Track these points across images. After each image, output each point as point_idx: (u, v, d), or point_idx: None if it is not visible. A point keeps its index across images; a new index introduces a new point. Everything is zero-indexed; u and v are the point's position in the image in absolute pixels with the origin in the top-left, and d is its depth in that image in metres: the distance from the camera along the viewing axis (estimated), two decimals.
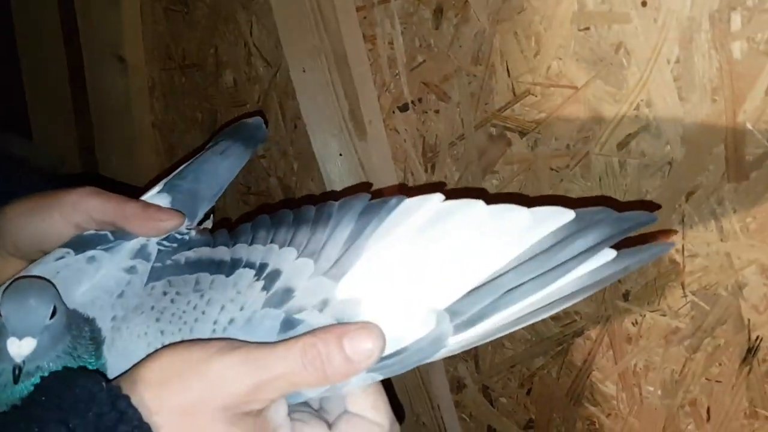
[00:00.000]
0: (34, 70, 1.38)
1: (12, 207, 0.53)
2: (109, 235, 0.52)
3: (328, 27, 0.79)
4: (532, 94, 0.64)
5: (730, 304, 0.57)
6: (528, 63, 0.64)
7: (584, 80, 0.60)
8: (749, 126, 0.53)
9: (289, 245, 0.48)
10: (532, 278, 0.41)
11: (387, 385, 0.45)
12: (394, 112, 0.78)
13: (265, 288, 0.46)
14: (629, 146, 0.60)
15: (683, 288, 0.60)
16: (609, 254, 0.40)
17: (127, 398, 0.39)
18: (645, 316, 0.63)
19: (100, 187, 0.54)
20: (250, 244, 0.49)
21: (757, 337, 0.57)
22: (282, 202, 0.98)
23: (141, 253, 0.51)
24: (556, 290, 0.41)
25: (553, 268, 0.40)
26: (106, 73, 1.15)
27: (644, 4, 0.55)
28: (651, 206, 0.60)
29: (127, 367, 0.44)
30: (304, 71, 0.83)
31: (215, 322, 0.45)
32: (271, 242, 0.49)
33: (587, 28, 0.59)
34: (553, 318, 0.70)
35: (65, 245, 0.51)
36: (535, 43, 0.63)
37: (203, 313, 0.46)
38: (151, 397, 0.40)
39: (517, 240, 0.42)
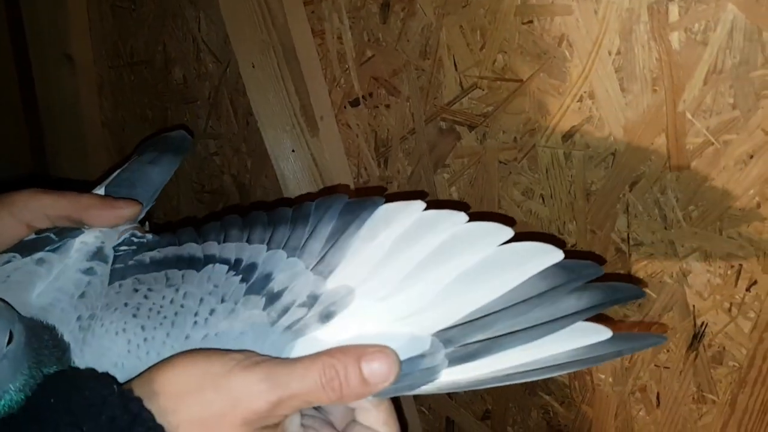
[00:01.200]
0: None
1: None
2: (53, 235, 0.51)
3: (275, 22, 0.78)
4: (479, 88, 0.64)
5: (676, 291, 0.58)
6: (474, 56, 0.64)
7: (529, 73, 0.61)
8: (689, 115, 0.54)
9: (267, 243, 0.47)
10: (525, 328, 0.41)
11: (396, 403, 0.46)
12: (345, 107, 0.78)
13: (244, 280, 0.46)
14: (574, 138, 0.60)
15: (630, 276, 0.60)
16: (605, 333, 0.41)
17: (139, 401, 0.39)
18: None
19: (51, 187, 0.53)
20: (222, 243, 0.49)
21: (702, 323, 0.58)
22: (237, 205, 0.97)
23: (98, 255, 0.50)
24: (550, 357, 0.41)
25: (547, 322, 0.41)
26: (54, 72, 1.13)
27: None
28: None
29: (106, 366, 0.44)
30: (253, 67, 0.82)
31: (196, 314, 0.44)
32: (247, 241, 0.48)
33: (530, 21, 0.59)
34: None
35: (9, 250, 0.50)
36: (480, 37, 0.63)
37: (182, 306, 0.45)
38: (169, 407, 0.40)
39: (507, 272, 0.42)
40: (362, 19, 0.72)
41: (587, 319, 0.41)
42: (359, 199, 0.47)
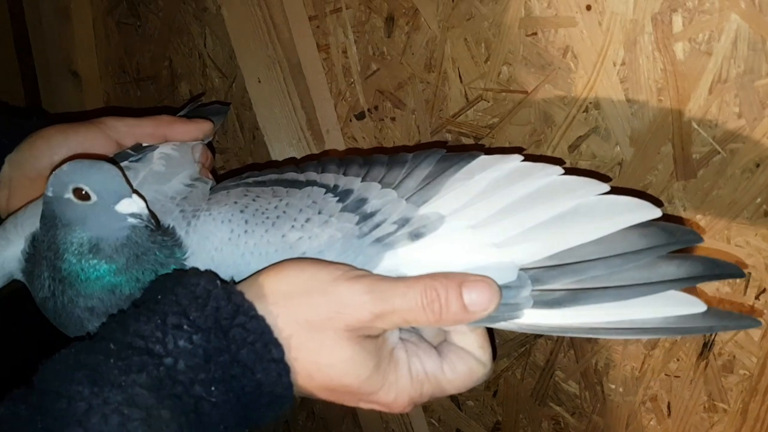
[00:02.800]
0: None
1: (48, 129, 0.58)
2: (131, 151, 0.57)
3: (281, 37, 0.79)
4: (485, 100, 0.65)
5: None
6: (479, 69, 0.64)
7: (534, 85, 0.61)
8: (695, 125, 0.54)
9: (362, 179, 0.50)
10: (618, 286, 0.41)
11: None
12: (351, 120, 0.78)
13: (341, 200, 0.49)
14: (580, 148, 0.60)
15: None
16: (699, 306, 0.41)
17: (241, 294, 0.42)
18: None
19: None
20: (320, 173, 0.53)
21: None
22: None
23: (198, 180, 0.56)
24: (639, 320, 0.42)
25: (641, 284, 0.41)
26: (60, 88, 1.14)
27: (589, 7, 0.56)
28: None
29: (207, 249, 0.48)
30: (259, 81, 0.83)
31: (295, 219, 0.47)
32: (343, 174, 0.51)
33: (534, 33, 0.59)
34: None
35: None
36: (485, 49, 0.63)
37: (284, 212, 0.48)
38: (276, 307, 0.42)
39: (606, 217, 0.43)
40: (367, 33, 0.72)
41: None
42: (456, 152, 0.49)
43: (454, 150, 0.49)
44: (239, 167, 0.94)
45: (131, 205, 0.45)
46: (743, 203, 0.53)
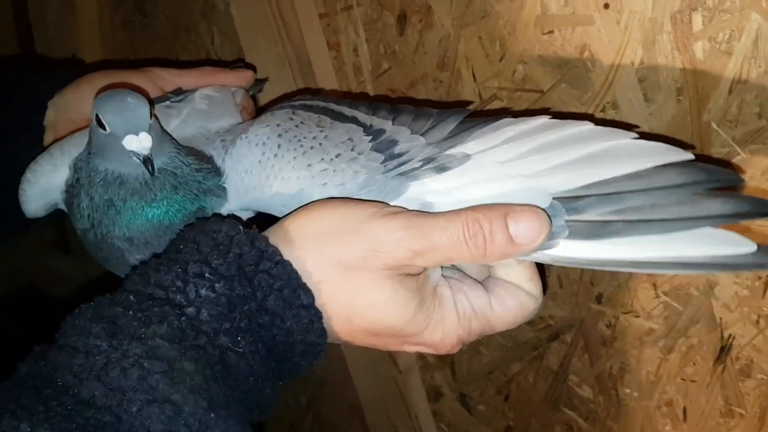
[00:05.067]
0: None
1: (94, 74, 0.61)
2: (171, 94, 0.59)
3: (291, 35, 0.78)
4: (499, 99, 0.64)
5: (702, 303, 0.57)
6: (493, 67, 0.63)
7: (550, 84, 0.60)
8: (714, 125, 0.53)
9: (393, 122, 0.51)
10: (661, 219, 0.40)
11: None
12: None
13: (373, 139, 0.48)
14: None
15: (655, 289, 0.59)
16: (748, 246, 0.39)
17: (265, 239, 0.40)
18: (619, 318, 0.63)
19: None
20: (366, 114, 0.53)
21: (730, 336, 0.57)
22: None
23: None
24: (683, 257, 0.40)
25: (684, 219, 0.40)
26: None
27: (606, 6, 0.55)
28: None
29: (238, 171, 0.48)
30: (268, 80, 0.82)
31: (326, 153, 0.47)
32: (372, 115, 0.52)
33: (551, 32, 0.58)
34: (528, 322, 0.69)
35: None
36: (499, 48, 0.62)
37: (320, 144, 0.48)
38: (306, 250, 0.40)
39: (638, 156, 0.41)
40: (378, 32, 0.71)
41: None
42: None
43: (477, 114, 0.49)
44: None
45: (133, 142, 0.45)
46: None
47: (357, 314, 0.40)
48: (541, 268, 0.45)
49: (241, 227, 0.41)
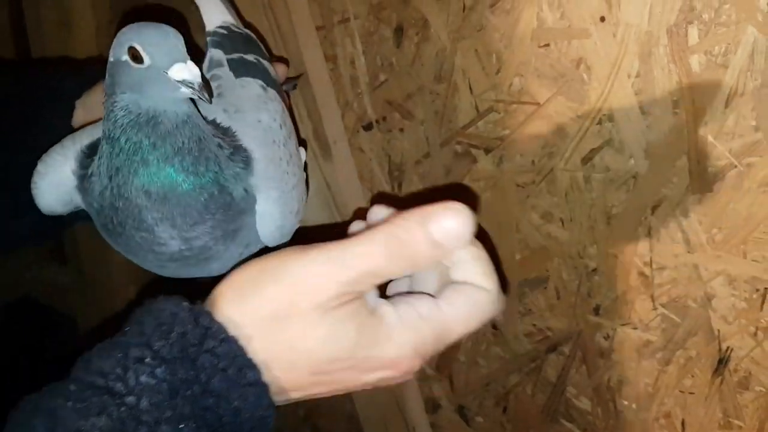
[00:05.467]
0: None
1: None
2: None
3: (287, 47, 0.78)
4: (496, 111, 0.64)
5: (700, 315, 0.57)
6: (490, 80, 0.63)
7: (546, 96, 0.60)
8: (711, 138, 0.53)
9: None
10: None
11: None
12: (358, 131, 0.78)
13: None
14: (593, 161, 0.59)
15: (653, 301, 0.59)
16: None
17: (209, 315, 0.38)
18: (616, 330, 0.63)
19: None
20: None
21: (728, 348, 0.57)
22: None
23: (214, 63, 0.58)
24: None
25: None
26: None
27: (603, 19, 0.55)
28: None
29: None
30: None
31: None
32: None
33: (547, 45, 0.58)
34: (526, 334, 0.69)
35: None
36: (496, 61, 0.62)
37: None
38: (234, 312, 0.39)
39: None
40: (375, 44, 0.72)
41: None
42: None
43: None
44: None
45: (183, 71, 0.42)
46: (759, 218, 0.53)
47: (300, 360, 0.39)
48: (497, 263, 0.44)
49: (185, 303, 0.39)
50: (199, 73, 0.42)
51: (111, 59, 0.44)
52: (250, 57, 0.58)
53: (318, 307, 0.38)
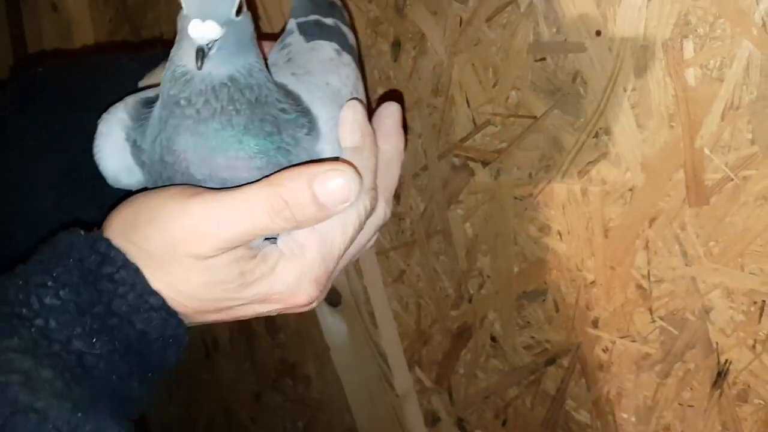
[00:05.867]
0: None
1: None
2: None
3: None
4: (493, 125, 0.64)
5: (698, 328, 0.57)
6: (487, 93, 0.64)
7: (543, 110, 0.60)
8: (707, 151, 0.53)
9: None
10: None
11: None
12: None
13: None
14: (590, 174, 0.60)
15: (651, 313, 0.59)
16: None
17: (107, 240, 0.39)
18: (615, 342, 0.63)
19: None
20: None
21: (726, 361, 0.57)
22: None
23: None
24: None
25: None
26: None
27: (599, 33, 0.55)
28: None
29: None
30: None
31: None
32: None
33: (543, 59, 0.59)
34: (525, 347, 0.69)
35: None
36: (492, 74, 0.63)
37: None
38: (122, 243, 0.39)
39: None
40: (373, 58, 0.72)
41: None
42: None
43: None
44: None
45: (195, 29, 0.38)
46: (757, 231, 0.53)
47: (190, 297, 0.40)
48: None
49: (82, 231, 0.40)
50: (211, 37, 0.39)
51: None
52: (329, 20, 0.53)
53: (195, 257, 0.39)
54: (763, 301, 0.54)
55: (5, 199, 0.54)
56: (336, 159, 0.44)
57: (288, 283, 0.41)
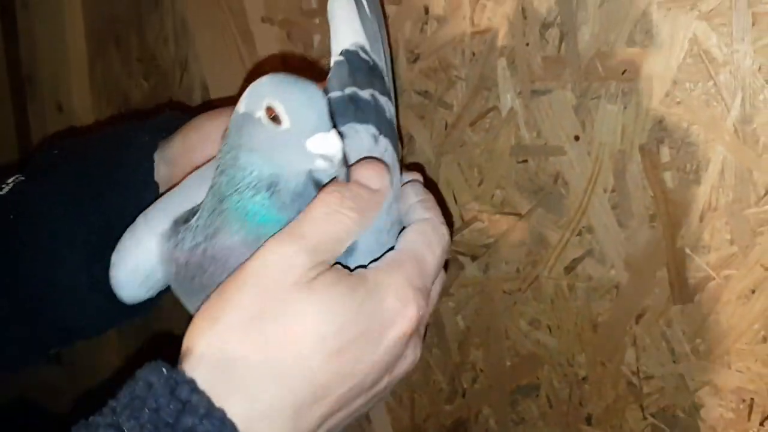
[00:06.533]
0: None
1: (199, 118, 0.55)
2: None
3: None
4: (480, 221, 0.66)
5: (689, 425, 0.57)
6: (473, 191, 0.65)
7: (527, 208, 0.62)
8: (688, 251, 0.54)
9: None
10: None
11: None
12: None
13: None
14: (576, 270, 0.61)
15: (642, 410, 0.60)
16: None
17: (190, 383, 0.34)
18: None
19: None
20: None
21: None
22: None
23: None
24: None
25: None
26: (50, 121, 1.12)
27: (577, 138, 0.57)
28: None
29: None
30: None
31: None
32: None
33: (525, 161, 0.61)
34: None
35: None
36: (478, 173, 0.64)
37: None
38: (212, 338, 0.36)
39: None
40: None
41: None
42: None
43: None
44: None
45: (325, 143, 0.38)
46: (741, 329, 0.53)
47: (302, 349, 0.36)
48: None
49: (164, 369, 0.35)
50: (341, 147, 0.39)
51: (241, 110, 0.40)
52: (366, 93, 0.48)
53: (296, 284, 0.36)
54: (752, 398, 0.54)
55: (39, 272, 0.54)
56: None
57: (399, 293, 0.39)
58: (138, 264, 0.46)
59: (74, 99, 1.07)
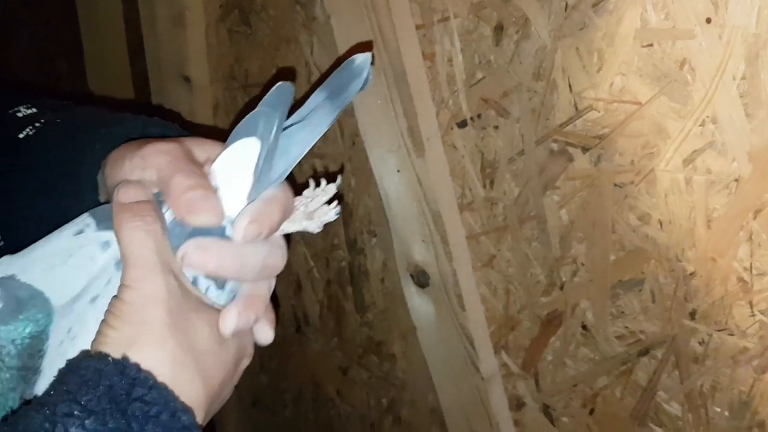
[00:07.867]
0: (101, 89, 1.44)
1: (117, 150, 0.48)
2: None
3: (387, 45, 0.80)
4: (595, 110, 0.64)
5: None
6: (590, 78, 0.63)
7: (648, 96, 0.60)
8: None
9: None
10: None
11: None
12: (452, 128, 0.79)
13: None
14: (695, 163, 0.59)
15: (751, 307, 0.58)
16: None
17: (136, 365, 0.39)
18: (712, 335, 0.62)
19: None
20: None
21: None
22: None
23: None
24: None
25: None
26: (171, 92, 1.20)
27: (709, 20, 0.54)
28: None
29: None
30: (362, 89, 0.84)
31: None
32: None
33: (650, 45, 0.58)
34: (618, 337, 0.69)
35: (90, 213, 0.44)
36: (597, 59, 0.62)
37: None
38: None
39: None
40: (474, 42, 0.73)
41: None
42: None
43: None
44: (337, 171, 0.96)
45: None
46: None
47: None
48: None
49: (110, 358, 0.39)
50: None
51: None
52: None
53: (156, 264, 0.40)
54: None
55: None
56: None
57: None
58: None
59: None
